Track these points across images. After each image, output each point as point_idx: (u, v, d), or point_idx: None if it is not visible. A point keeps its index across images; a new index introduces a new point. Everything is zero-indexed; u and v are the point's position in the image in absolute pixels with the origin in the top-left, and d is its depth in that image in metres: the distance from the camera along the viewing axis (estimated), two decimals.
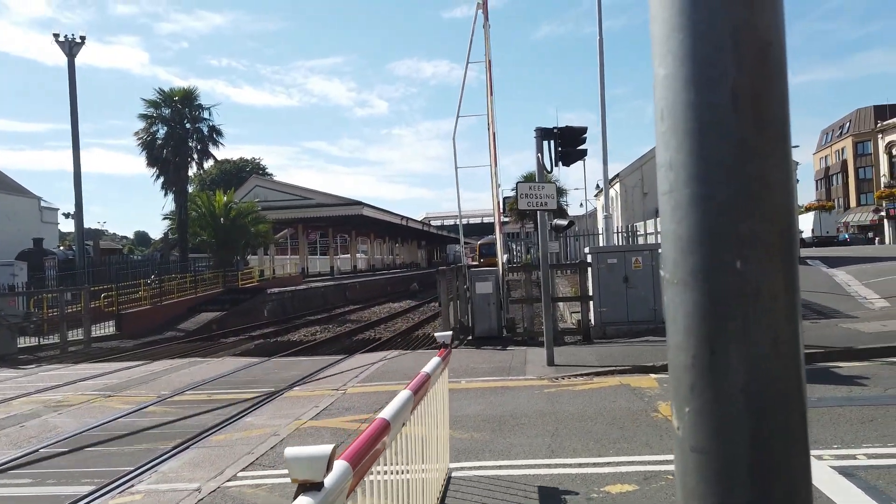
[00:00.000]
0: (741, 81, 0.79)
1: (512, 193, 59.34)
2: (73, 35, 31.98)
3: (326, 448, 2.16)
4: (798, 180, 32.77)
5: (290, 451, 2.16)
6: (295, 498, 2.02)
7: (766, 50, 0.79)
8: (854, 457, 5.79)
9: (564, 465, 6.03)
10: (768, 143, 0.80)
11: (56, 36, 31.77)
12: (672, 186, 0.85)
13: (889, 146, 57.58)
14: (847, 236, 58.81)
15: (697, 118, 0.81)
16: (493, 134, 16.01)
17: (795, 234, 0.84)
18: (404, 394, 3.83)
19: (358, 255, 69.60)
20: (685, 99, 0.82)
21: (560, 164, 11.91)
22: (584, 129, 12.02)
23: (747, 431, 0.78)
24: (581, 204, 64.51)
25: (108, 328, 24.14)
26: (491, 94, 15.97)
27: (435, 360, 5.14)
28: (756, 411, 0.78)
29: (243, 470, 6.56)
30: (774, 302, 0.79)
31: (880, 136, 59.25)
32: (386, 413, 3.29)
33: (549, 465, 6.07)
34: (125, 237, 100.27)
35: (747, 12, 0.79)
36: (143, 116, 35.41)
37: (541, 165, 11.55)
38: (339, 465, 2.34)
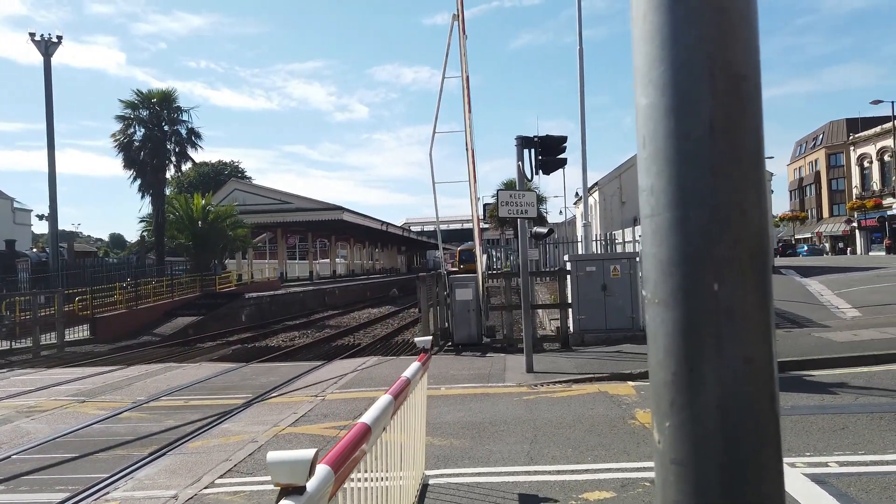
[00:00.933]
0: (717, 112, 0.84)
1: (492, 200, 59.56)
2: (49, 34, 31.55)
3: (309, 452, 2.17)
4: (773, 191, 33.38)
5: (272, 454, 2.17)
6: (277, 502, 2.03)
7: (740, 83, 0.84)
8: (826, 464, 5.91)
9: (543, 472, 6.07)
10: (742, 171, 0.84)
11: (32, 35, 31.31)
12: (653, 211, 0.89)
13: (861, 158, 58.82)
14: (805, 248, 59.94)
15: (676, 146, 0.86)
16: (472, 151, 15.84)
17: (769, 256, 0.89)
18: (385, 398, 3.84)
19: (337, 260, 69.33)
20: (665, 127, 0.86)
21: (540, 172, 12.01)
22: (563, 139, 12.14)
23: (722, 445, 0.82)
24: (560, 211, 64.98)
25: (82, 332, 23.77)
26: (469, 110, 15.64)
27: (415, 365, 5.15)
28: (731, 426, 0.82)
29: (221, 477, 6.51)
30: (748, 321, 0.83)
31: (852, 148, 60.54)
32: (367, 418, 3.30)
33: (527, 472, 6.10)
34: (100, 239, 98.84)
35: (722, 48, 0.83)
36: (121, 118, 35.02)
37: (521, 174, 11.63)
38: (322, 469, 2.35)
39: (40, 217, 43.00)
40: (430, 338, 6.12)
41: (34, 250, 39.61)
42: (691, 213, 0.85)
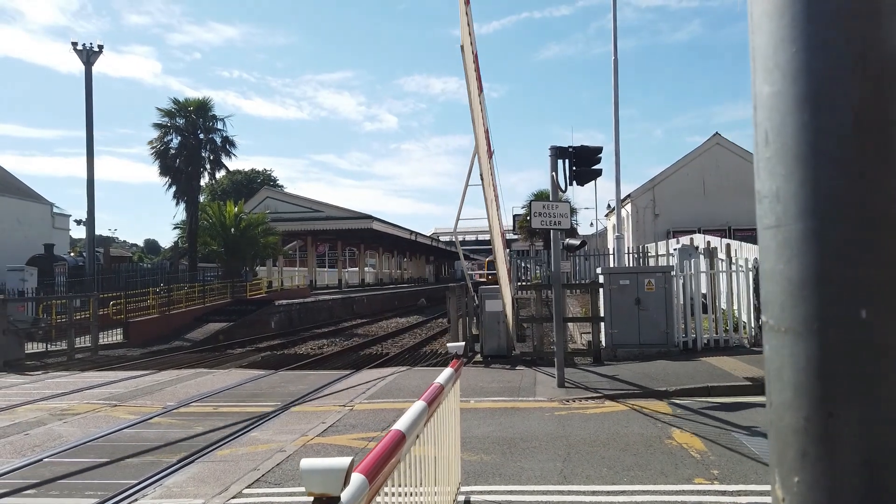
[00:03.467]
0: (865, 103, 0.69)
1: (522, 210, 59.29)
2: (91, 44, 32.33)
3: (344, 461, 2.06)
4: None
5: (306, 462, 2.07)
6: None
7: (893, 66, 0.69)
8: None
9: (578, 493, 5.87)
10: (894, 177, 0.70)
11: (74, 44, 32.12)
12: (779, 220, 0.75)
13: None
14: None
15: (812, 144, 0.71)
16: (496, 197, 14.59)
17: None
18: (419, 405, 3.70)
19: (366, 269, 69.58)
20: (797, 121, 0.72)
21: (574, 183, 11.81)
22: (599, 149, 11.93)
23: None
24: (591, 223, 64.36)
25: (115, 336, 24.11)
26: (490, 156, 14.20)
27: (448, 371, 5.01)
28: (882, 487, 0.67)
29: (249, 487, 6.44)
30: None
31: None
32: (401, 424, 3.17)
33: (561, 492, 5.91)
34: (135, 245, 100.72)
35: (872, 24, 0.68)
36: (158, 126, 35.65)
37: (555, 184, 11.45)
38: (356, 478, 2.23)
39: (78, 222, 43.91)
40: (463, 343, 5.98)
41: (71, 254, 40.43)
42: (831, 225, 0.70)
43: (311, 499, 2.06)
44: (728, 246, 16.91)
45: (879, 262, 0.69)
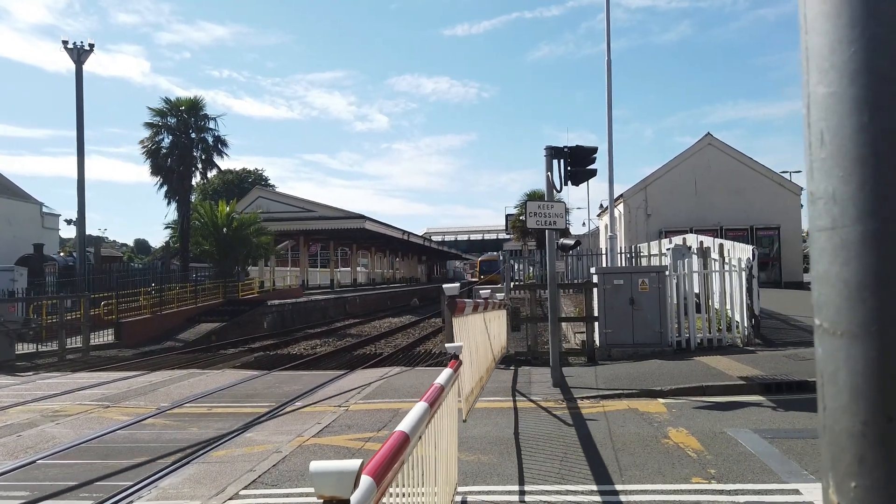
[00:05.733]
0: None
1: (514, 210, 59.31)
2: (81, 42, 32.12)
3: (354, 463, 2.06)
4: None
5: (315, 465, 2.06)
6: None
7: None
8: None
9: (576, 493, 5.87)
10: None
11: (65, 43, 31.90)
12: (836, 222, 0.74)
13: None
14: None
15: (870, 144, 0.70)
16: None
17: None
18: (421, 406, 3.70)
19: (359, 269, 69.48)
20: (856, 122, 0.71)
21: (569, 183, 11.82)
22: (594, 149, 11.95)
23: None
24: (584, 223, 64.56)
25: (107, 336, 23.96)
26: None
27: (447, 371, 5.00)
28: None
29: (245, 488, 6.40)
30: None
31: None
32: (405, 426, 3.16)
33: (559, 493, 5.91)
34: (125, 245, 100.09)
35: None
36: (149, 125, 35.43)
37: (550, 184, 11.46)
38: (365, 480, 2.23)
39: (68, 222, 43.53)
40: (461, 344, 5.96)
41: (61, 254, 40.15)
42: (892, 227, 0.69)
43: (321, 501, 2.05)
44: (721, 246, 16.99)
45: None
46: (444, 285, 6.83)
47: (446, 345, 6.20)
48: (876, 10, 0.69)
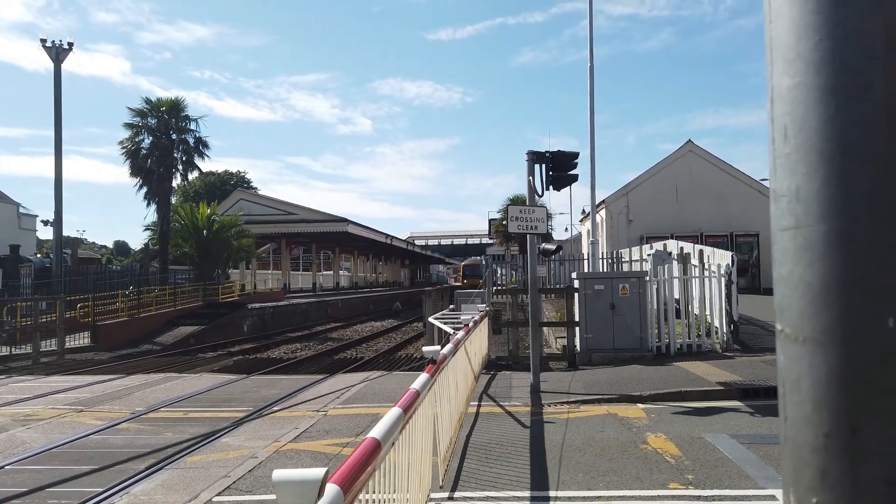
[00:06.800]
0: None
1: (498, 215, 59.43)
2: (60, 41, 31.66)
3: (318, 471, 2.00)
4: None
5: (278, 473, 2.00)
6: None
7: None
8: None
9: (554, 499, 5.83)
10: None
11: (43, 41, 31.41)
12: (799, 221, 0.70)
13: None
14: None
15: (837, 138, 0.67)
16: None
17: None
18: (394, 412, 3.65)
19: (341, 273, 69.15)
20: (822, 115, 0.67)
21: (551, 188, 11.83)
22: (575, 155, 11.96)
23: None
24: (566, 228, 64.82)
25: (83, 339, 23.58)
26: None
27: (423, 376, 4.94)
28: None
29: (219, 494, 6.29)
30: None
31: None
32: (376, 432, 3.10)
33: (536, 499, 5.87)
34: (104, 246, 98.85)
35: None
36: (129, 125, 35.00)
37: (532, 189, 11.45)
38: (331, 489, 2.16)
39: (45, 223, 42.88)
40: (439, 348, 5.89)
41: (38, 256, 39.52)
42: (858, 226, 0.65)
43: None
44: (701, 252, 17.10)
45: None
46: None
47: (424, 349, 6.13)
48: None
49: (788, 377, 0.71)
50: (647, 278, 14.29)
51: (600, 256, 24.10)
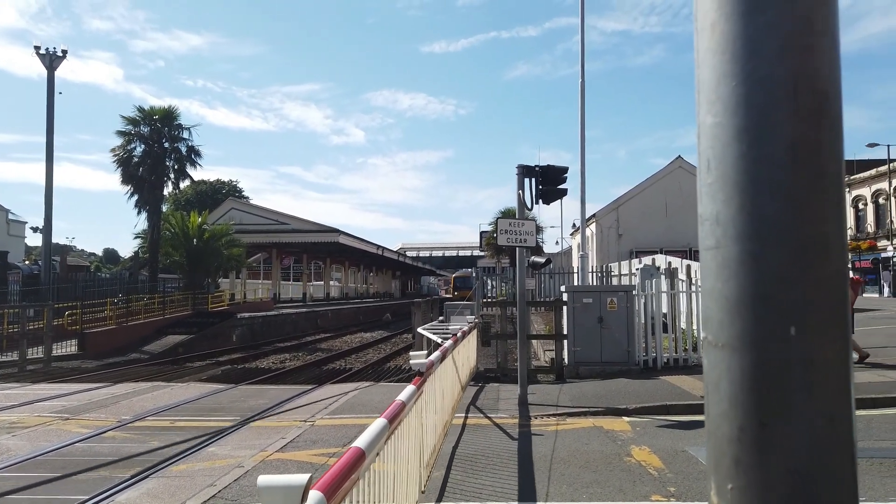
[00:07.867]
0: (799, 134, 0.75)
1: (489, 227, 59.66)
2: (54, 48, 31.72)
3: (302, 478, 2.06)
4: None
5: (263, 479, 2.06)
6: None
7: (823, 101, 0.75)
8: None
9: None
10: (825, 202, 0.75)
11: (37, 48, 31.47)
12: (719, 242, 0.79)
13: (856, 200, 59.23)
14: None
15: (749, 171, 0.77)
16: None
17: (847, 302, 0.79)
18: (380, 422, 3.70)
19: (332, 283, 69.04)
20: (736, 150, 0.77)
21: (540, 201, 11.96)
22: (565, 169, 12.11)
23: None
24: (556, 242, 65.11)
25: (70, 347, 23.45)
26: None
27: (410, 388, 5.00)
28: (805, 493, 0.71)
29: (204, 503, 6.31)
30: (829, 373, 0.73)
31: (848, 189, 60.99)
32: (361, 442, 3.16)
33: None
34: (94, 254, 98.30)
35: (806, 61, 0.74)
36: (121, 133, 35.02)
37: (521, 202, 11.58)
38: (314, 495, 2.23)
39: (34, 229, 42.71)
40: (426, 352, 5.95)
41: (26, 262, 39.31)
42: (766, 248, 0.75)
43: None
44: (689, 267, 17.25)
45: (809, 282, 0.74)
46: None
47: (411, 361, 6.20)
48: (755, 49, 0.75)
49: (710, 378, 0.80)
50: (635, 292, 14.41)
51: (590, 270, 24.25)
